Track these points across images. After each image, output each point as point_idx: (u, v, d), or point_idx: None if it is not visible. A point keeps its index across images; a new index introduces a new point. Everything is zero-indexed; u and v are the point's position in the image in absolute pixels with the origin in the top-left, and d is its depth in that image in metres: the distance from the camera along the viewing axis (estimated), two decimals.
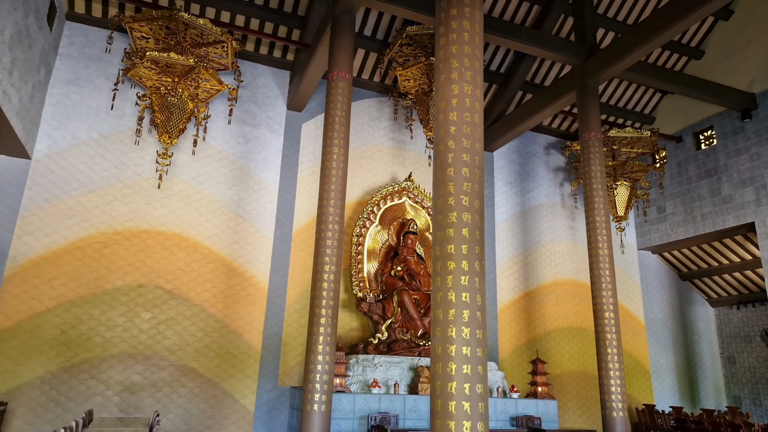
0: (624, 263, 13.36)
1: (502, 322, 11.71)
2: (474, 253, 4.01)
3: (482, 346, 3.90)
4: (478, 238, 4.05)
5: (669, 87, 10.97)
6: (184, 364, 9.19)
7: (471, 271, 3.97)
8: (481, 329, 3.91)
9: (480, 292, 3.98)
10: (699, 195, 12.33)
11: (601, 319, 8.60)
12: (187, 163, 9.97)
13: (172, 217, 9.66)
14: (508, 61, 12.13)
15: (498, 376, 9.25)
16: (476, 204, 4.11)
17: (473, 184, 4.13)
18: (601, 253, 8.86)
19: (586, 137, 9.52)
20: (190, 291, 9.50)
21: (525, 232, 12.57)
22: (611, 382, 8.26)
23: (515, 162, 12.99)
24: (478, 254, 4.03)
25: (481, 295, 4.00)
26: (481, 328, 3.91)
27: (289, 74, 11.21)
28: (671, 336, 13.37)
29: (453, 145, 4.19)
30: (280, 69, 11.13)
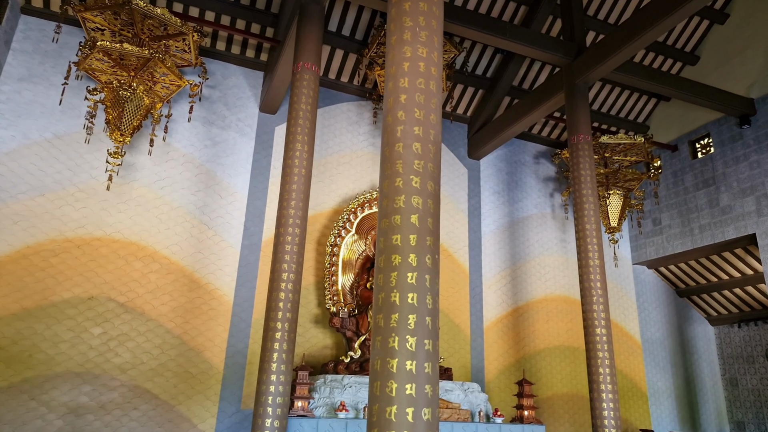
0: (618, 278, 12.64)
1: (489, 341, 10.92)
2: (425, 245, 3.30)
3: (432, 360, 3.17)
4: (431, 227, 3.35)
5: (663, 90, 10.42)
6: (137, 384, 8.37)
7: (420, 266, 3.27)
8: (431, 339, 3.19)
9: (432, 293, 3.27)
10: (696, 206, 11.68)
11: (592, 336, 7.86)
12: (147, 166, 9.29)
13: (129, 223, 8.94)
14: (495, 65, 11.59)
15: (481, 398, 8.46)
16: (429, 186, 3.42)
17: (426, 163, 3.45)
18: (591, 264, 8.16)
19: (575, 140, 8.90)
20: (145, 304, 8.72)
21: (513, 245, 11.86)
22: (603, 405, 7.48)
23: (503, 171, 12.35)
24: (429, 247, 3.32)
25: (433, 296, 3.28)
26: (432, 338, 3.19)
27: (262, 75, 10.62)
28: (669, 356, 12.58)
29: (403, 117, 3.52)
30: (253, 69, 10.54)
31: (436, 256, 3.35)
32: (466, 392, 8.37)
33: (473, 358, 10.68)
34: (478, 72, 11.65)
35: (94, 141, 8.93)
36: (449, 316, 10.72)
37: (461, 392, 8.34)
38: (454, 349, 10.56)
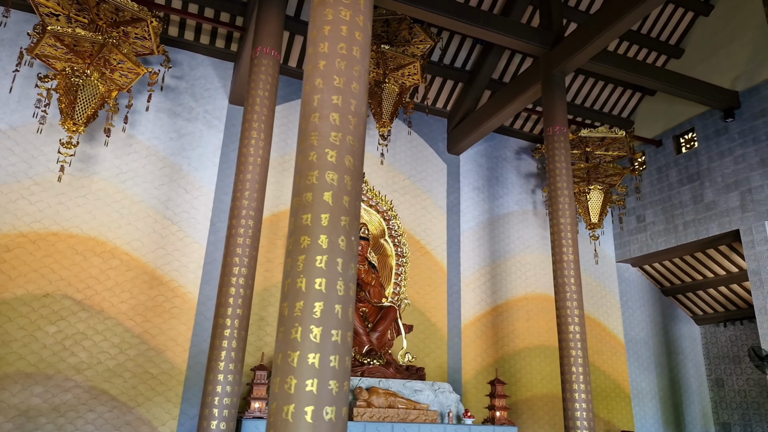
0: (602, 276, 12.34)
1: (466, 340, 10.59)
2: (338, 225, 2.98)
3: (341, 353, 2.85)
4: (348, 206, 3.03)
5: (646, 82, 10.12)
6: (93, 385, 8.01)
7: (332, 249, 2.94)
8: (341, 329, 2.87)
9: (344, 279, 2.94)
10: (680, 202, 11.39)
11: (565, 334, 7.54)
12: (108, 159, 8.95)
13: (88, 218, 8.59)
14: (474, 57, 11.29)
15: (452, 399, 8.13)
16: (348, 161, 3.09)
17: (345, 135, 3.12)
18: (566, 258, 7.86)
19: (550, 131, 8.60)
20: (104, 302, 8.37)
21: (493, 242, 11.55)
22: (576, 405, 7.16)
23: (483, 166, 12.04)
24: (345, 227, 3.00)
25: (346, 282, 2.96)
26: (341, 329, 2.87)
27: (233, 66, 10.29)
28: (654, 356, 12.27)
29: (321, 84, 3.20)
30: (222, 60, 10.22)
31: (352, 239, 3.02)
32: (436, 392, 8.04)
33: (450, 358, 10.35)
34: (457, 64, 11.35)
35: (51, 132, 8.59)
36: (426, 314, 10.40)
37: (431, 392, 8.01)
38: (430, 349, 10.23)
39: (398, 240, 9.96)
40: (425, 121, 11.68)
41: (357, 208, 3.13)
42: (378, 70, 9.54)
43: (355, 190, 3.10)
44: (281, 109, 10.39)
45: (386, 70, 9.54)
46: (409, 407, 7.47)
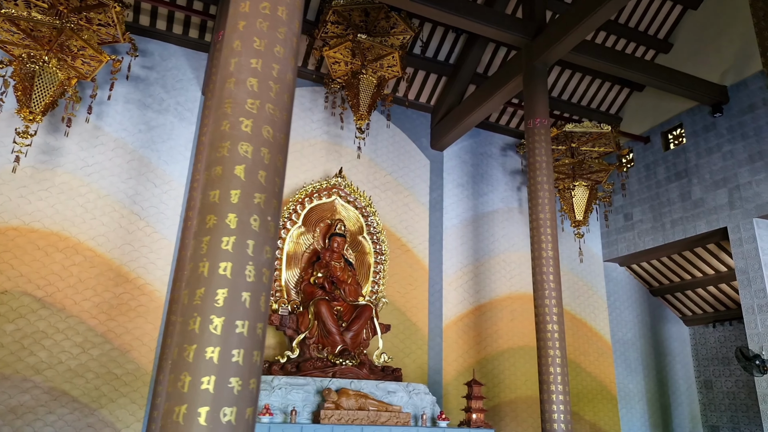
0: (589, 276, 12.05)
1: (448, 340, 10.28)
2: (251, 203, 2.67)
3: (247, 347, 2.54)
4: (264, 182, 2.72)
5: (633, 76, 9.88)
6: (53, 386, 7.67)
7: (242, 229, 2.63)
8: (249, 320, 2.56)
9: (256, 264, 2.63)
10: (668, 200, 11.12)
11: (543, 333, 7.25)
12: (73, 151, 8.62)
13: (50, 212, 8.26)
14: (458, 51, 11.00)
15: (427, 401, 7.81)
16: (266, 132, 2.78)
17: (264, 103, 2.81)
18: (545, 255, 7.57)
19: (531, 124, 8.32)
20: (66, 299, 8.03)
21: (477, 240, 11.25)
22: (553, 407, 6.85)
23: (468, 163, 11.75)
24: (259, 206, 2.68)
25: (258, 268, 2.65)
26: (249, 319, 2.56)
27: (207, 56, 9.98)
28: (641, 358, 11.98)
29: (239, 46, 2.90)
30: (196, 51, 9.90)
31: (268, 218, 2.70)
32: (410, 394, 7.73)
33: (431, 358, 10.04)
34: (441, 58, 11.07)
35: (12, 122, 8.25)
36: (406, 314, 10.09)
37: (405, 394, 7.70)
38: (410, 350, 9.92)
39: (377, 237, 9.66)
40: (408, 116, 11.39)
41: (276, 185, 2.82)
42: (356, 61, 9.24)
43: (275, 165, 2.79)
44: None
45: (364, 61, 9.25)
46: (380, 409, 7.16)
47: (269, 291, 2.74)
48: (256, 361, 2.57)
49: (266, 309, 2.70)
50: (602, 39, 11.35)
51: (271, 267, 2.75)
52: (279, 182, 2.84)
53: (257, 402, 2.60)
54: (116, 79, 8.20)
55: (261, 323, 2.62)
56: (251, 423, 2.50)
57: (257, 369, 2.59)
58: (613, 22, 11.21)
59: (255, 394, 2.55)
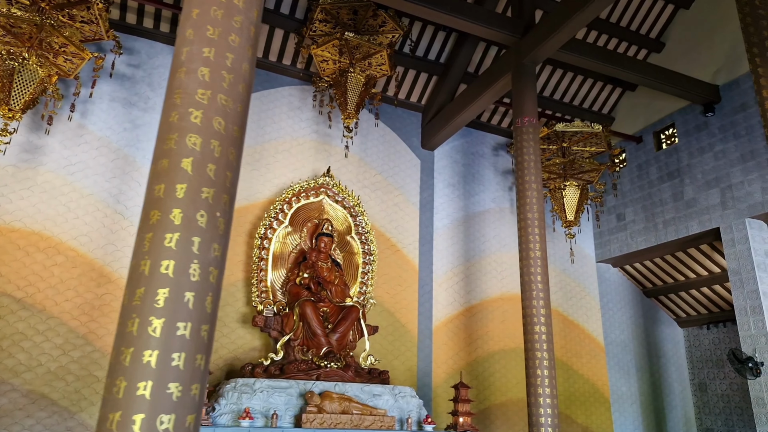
0: (581, 277, 11.93)
1: (438, 342, 10.16)
2: (198, 198, 2.55)
3: (189, 350, 2.40)
4: (213, 176, 2.60)
5: (624, 75, 9.80)
6: (32, 389, 7.53)
7: (186, 225, 2.50)
8: (192, 322, 2.42)
9: (202, 263, 2.50)
10: (661, 200, 11.01)
11: (530, 334, 7.14)
12: (56, 150, 8.50)
13: (32, 211, 8.13)
14: (448, 50, 10.91)
15: (413, 404, 7.68)
16: (217, 124, 2.66)
17: (215, 94, 2.70)
18: (532, 255, 7.45)
19: (519, 123, 8.22)
20: (46, 300, 7.91)
21: (468, 240, 11.13)
22: (540, 410, 6.73)
23: (459, 163, 11.64)
24: (206, 201, 2.56)
25: (203, 267, 2.51)
26: (192, 321, 2.43)
27: None
28: (635, 360, 11.85)
29: (192, 35, 2.79)
30: None
31: (217, 215, 2.58)
32: (396, 397, 7.60)
33: (420, 360, 9.91)
34: (431, 57, 10.97)
35: None
36: (395, 315, 9.96)
37: (391, 397, 7.57)
38: (399, 351, 9.79)
39: (366, 237, 9.54)
40: (398, 115, 11.29)
41: (228, 180, 2.69)
42: (343, 59, 9.14)
43: (226, 159, 2.66)
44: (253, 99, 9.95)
45: (352, 60, 9.15)
46: (364, 413, 7.03)
47: (218, 291, 2.61)
48: (199, 366, 2.43)
49: (214, 310, 2.57)
50: (594, 38, 11.27)
51: (220, 266, 2.62)
52: (231, 176, 2.71)
53: (201, 409, 2.47)
54: (98, 76, 8.09)
55: (206, 325, 2.49)
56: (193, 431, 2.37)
57: (201, 374, 2.45)
58: (605, 22, 11.13)
59: (198, 401, 2.42)
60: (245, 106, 2.88)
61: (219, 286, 2.61)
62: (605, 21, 11.12)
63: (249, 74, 2.90)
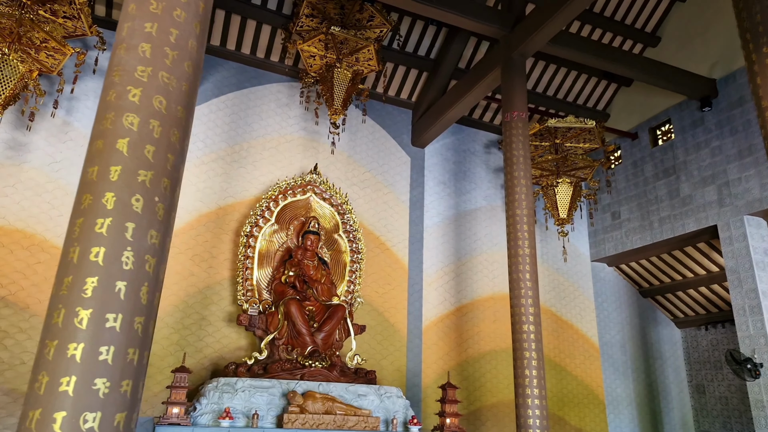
0: (575, 277, 11.75)
1: (428, 342, 10.00)
2: (134, 181, 2.43)
3: (120, 344, 2.27)
4: (151, 158, 2.47)
5: (621, 69, 9.64)
6: (13, 388, 7.44)
7: (119, 210, 2.38)
8: (123, 314, 2.30)
9: (136, 250, 2.38)
10: (656, 197, 10.82)
11: (519, 334, 6.97)
12: (41, 147, 8.42)
13: (15, 209, 8.05)
14: (438, 45, 10.77)
15: (399, 404, 7.53)
16: (157, 103, 2.54)
17: (157, 71, 2.58)
18: (521, 252, 7.29)
19: (508, 117, 8.07)
20: (29, 298, 7.81)
21: (459, 239, 10.98)
22: (529, 412, 6.57)
23: (450, 160, 11.49)
24: (143, 185, 2.44)
25: (138, 255, 2.39)
26: (123, 312, 2.30)
27: None
28: (631, 361, 11.65)
29: (134, 9, 2.68)
30: None
31: (155, 199, 2.45)
32: (382, 397, 7.45)
33: (409, 360, 9.76)
34: (421, 52, 10.84)
35: None
36: (384, 314, 9.82)
37: (376, 397, 7.42)
38: (388, 351, 9.64)
39: (353, 235, 9.40)
40: (388, 112, 11.15)
41: (170, 163, 2.57)
42: (330, 54, 9.02)
43: (167, 140, 2.54)
44: (232, 97, 9.89)
45: (339, 55, 9.03)
46: (348, 413, 6.88)
47: (156, 281, 2.49)
48: (132, 360, 2.31)
49: (151, 301, 2.44)
50: (588, 32, 11.10)
51: (158, 254, 2.50)
52: (173, 159, 2.59)
53: (135, 407, 2.34)
54: (80, 72, 8.00)
55: (141, 317, 2.37)
56: (124, 430, 2.24)
57: (135, 369, 2.33)
58: (600, 15, 10.97)
59: (129, 398, 2.29)
60: (192, 85, 2.76)
61: (158, 276, 2.49)
62: (599, 15, 10.96)
63: (197, 52, 2.78)
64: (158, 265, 2.48)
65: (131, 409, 2.29)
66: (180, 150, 2.65)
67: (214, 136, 9.57)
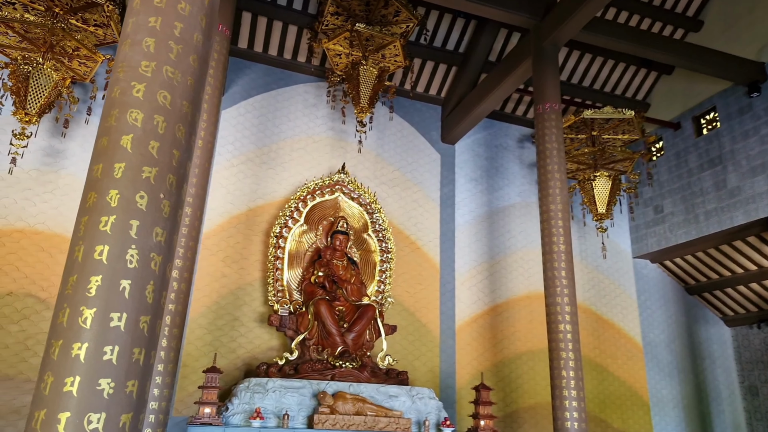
0: (616, 274, 11.28)
1: (461, 342, 9.79)
2: (138, 178, 2.35)
3: (124, 344, 2.21)
4: (156, 155, 2.37)
5: (660, 56, 9.21)
6: None
7: (124, 207, 2.31)
8: (128, 312, 2.23)
9: (141, 248, 2.30)
10: (702, 189, 10.27)
11: (555, 333, 6.70)
12: (77, 153, 8.65)
13: (54, 214, 8.29)
14: (467, 38, 10.53)
15: (432, 406, 7.37)
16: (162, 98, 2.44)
17: (161, 66, 2.50)
18: (556, 249, 7.02)
19: (541, 110, 7.79)
20: None
21: (492, 237, 10.71)
22: (566, 414, 6.30)
23: (481, 156, 11.23)
24: (147, 182, 2.35)
25: (143, 253, 2.32)
26: (128, 311, 2.23)
27: None
28: (677, 361, 11.10)
29: (138, 5, 2.62)
30: None
31: (160, 196, 2.39)
32: (413, 398, 7.30)
33: (443, 362, 9.57)
34: (449, 47, 10.63)
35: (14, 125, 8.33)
36: (415, 314, 9.66)
37: (408, 398, 7.28)
38: (420, 352, 9.48)
39: (383, 234, 9.28)
40: (417, 109, 10.98)
41: (176, 159, 2.49)
42: (355, 52, 8.92)
43: (173, 136, 2.48)
44: (260, 99, 9.93)
45: (365, 52, 8.92)
46: (379, 414, 6.77)
47: (162, 280, 2.43)
48: (138, 360, 2.25)
49: (157, 300, 2.38)
50: (625, 18, 10.64)
51: (164, 252, 2.43)
52: (179, 155, 2.52)
53: (141, 408, 2.29)
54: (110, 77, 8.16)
55: (147, 316, 2.31)
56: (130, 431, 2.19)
57: (140, 369, 2.27)
58: (637, 1, 10.49)
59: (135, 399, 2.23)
60: (198, 80, 2.70)
61: (164, 274, 2.43)
62: (637, 0, 10.48)
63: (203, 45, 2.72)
64: (164, 263, 2.42)
65: (138, 410, 2.24)
66: (186, 146, 2.59)
67: (242, 139, 9.62)
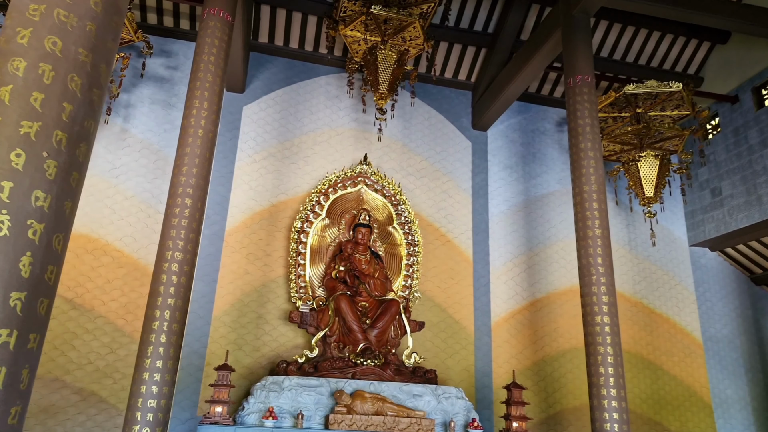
0: (670, 264, 10.32)
1: (498, 340, 9.19)
2: (14, 133, 2.03)
3: None
4: (38, 107, 2.04)
5: (714, 22, 8.31)
6: (82, 386, 7.71)
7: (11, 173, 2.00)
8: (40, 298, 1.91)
9: (14, 214, 1.96)
10: (765, 168, 9.21)
11: (591, 326, 6.06)
12: (101, 154, 8.74)
13: (79, 215, 8.38)
14: (496, 18, 9.95)
15: (459, 406, 6.86)
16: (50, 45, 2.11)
17: (51, 9, 2.19)
18: (590, 234, 6.36)
19: (572, 83, 7.14)
20: (94, 300, 8.09)
21: (529, 227, 10.04)
22: (605, 415, 5.65)
23: (516, 142, 10.57)
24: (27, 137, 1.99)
25: (18, 219, 1.97)
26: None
27: None
28: (742, 358, 10.01)
29: None
30: None
31: (44, 154, 2.05)
32: (439, 398, 6.83)
33: (478, 360, 9.01)
34: (477, 28, 10.07)
35: None
36: (448, 311, 9.16)
37: (433, 398, 6.81)
38: (454, 350, 8.96)
39: (409, 227, 8.85)
40: (445, 96, 10.48)
41: (66, 114, 2.18)
42: (373, 36, 8.55)
43: (63, 87, 2.16)
44: (281, 93, 9.75)
45: (384, 36, 8.54)
46: (400, 414, 6.34)
47: (46, 252, 2.10)
48: (6, 343, 1.93)
49: (35, 275, 2.04)
50: None
51: (50, 221, 2.10)
52: (72, 109, 2.21)
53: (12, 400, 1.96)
54: (124, 76, 8.20)
55: (21, 293, 1.98)
56: None
57: (10, 354, 1.94)
58: None
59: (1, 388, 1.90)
60: (104, 27, 2.39)
61: (48, 245, 2.11)
62: None
63: None
64: (50, 233, 2.10)
65: (6, 403, 1.90)
66: (84, 100, 2.28)
67: (264, 134, 9.46)
